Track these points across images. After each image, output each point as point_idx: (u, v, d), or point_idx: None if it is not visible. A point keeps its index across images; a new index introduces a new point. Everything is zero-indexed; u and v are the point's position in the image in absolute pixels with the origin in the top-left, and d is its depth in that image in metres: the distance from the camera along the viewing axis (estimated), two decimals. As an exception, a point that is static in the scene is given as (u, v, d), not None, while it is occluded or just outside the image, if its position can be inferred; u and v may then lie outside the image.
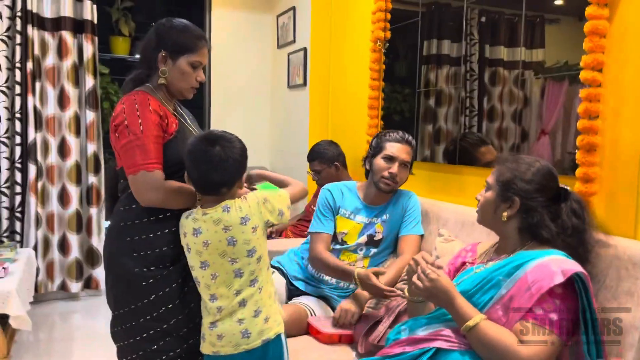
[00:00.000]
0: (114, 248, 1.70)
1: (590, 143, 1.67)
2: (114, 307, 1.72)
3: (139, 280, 1.64)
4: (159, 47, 1.67)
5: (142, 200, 1.61)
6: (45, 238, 3.64)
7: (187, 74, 1.69)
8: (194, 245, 1.55)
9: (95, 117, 3.66)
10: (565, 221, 1.43)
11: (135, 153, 1.57)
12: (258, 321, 1.56)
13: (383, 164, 2.20)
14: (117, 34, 4.26)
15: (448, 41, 2.47)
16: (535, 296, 1.29)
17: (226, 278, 1.55)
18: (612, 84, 1.65)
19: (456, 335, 1.40)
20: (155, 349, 1.66)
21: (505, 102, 2.15)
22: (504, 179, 1.49)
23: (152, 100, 1.63)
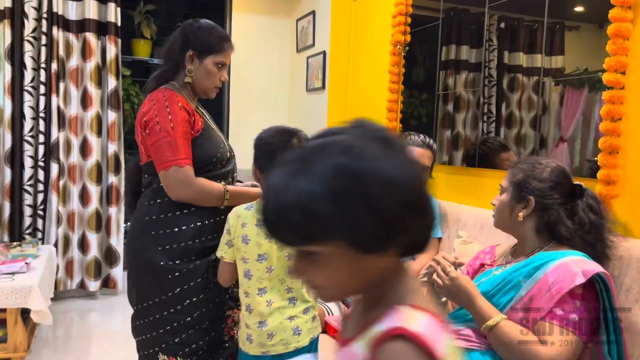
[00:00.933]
0: (138, 242, 1.72)
1: (612, 145, 1.68)
2: (137, 301, 1.75)
3: (165, 273, 1.67)
4: (186, 46, 1.72)
5: (172, 195, 1.66)
6: (66, 236, 3.72)
7: (212, 74, 1.75)
8: (255, 236, 1.55)
9: (116, 117, 3.73)
10: (582, 217, 1.44)
11: (167, 149, 1.61)
12: (307, 319, 1.57)
13: None
14: (139, 36, 4.33)
15: (467, 47, 2.50)
16: (556, 297, 1.30)
17: (280, 272, 1.56)
18: (636, 86, 1.66)
19: (476, 335, 1.41)
20: (177, 342, 1.68)
21: (524, 109, 2.16)
22: (517, 180, 1.50)
23: (180, 97, 1.68)
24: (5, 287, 2.49)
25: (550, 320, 1.31)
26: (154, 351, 1.72)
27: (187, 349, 1.70)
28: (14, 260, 2.75)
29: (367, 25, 3.29)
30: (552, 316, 1.31)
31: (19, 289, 2.51)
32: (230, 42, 1.79)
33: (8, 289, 2.49)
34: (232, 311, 1.82)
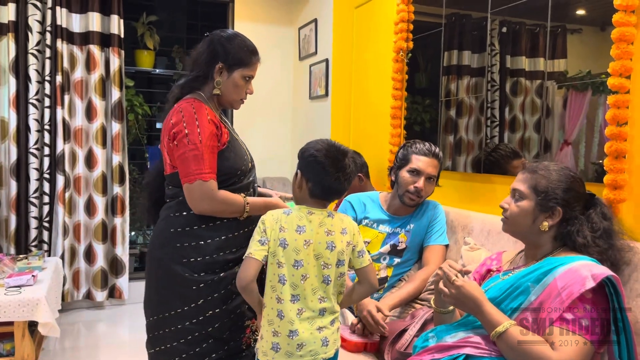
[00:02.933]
0: (162, 253, 1.73)
1: (618, 150, 1.67)
2: (156, 312, 1.74)
3: (189, 285, 1.68)
4: (215, 59, 1.73)
5: (194, 208, 1.67)
6: (72, 247, 3.73)
7: (240, 87, 1.76)
8: (293, 241, 1.54)
9: (120, 128, 3.75)
10: (596, 224, 1.44)
11: (193, 162, 1.63)
12: (334, 330, 1.57)
13: (409, 178, 2.18)
14: (142, 47, 4.37)
15: (469, 52, 2.50)
16: (566, 302, 1.29)
17: (314, 282, 1.55)
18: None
19: (485, 342, 1.40)
20: (197, 352, 1.69)
21: (527, 113, 2.16)
22: (544, 189, 1.47)
23: (208, 109, 1.69)
24: (13, 300, 2.49)
25: (560, 325, 1.30)
26: None
27: (207, 359, 1.71)
28: (21, 273, 2.76)
29: (369, 32, 3.30)
30: (563, 321, 1.30)
31: (26, 302, 2.51)
32: (258, 56, 1.80)
33: (15, 302, 2.49)
34: (250, 321, 1.83)
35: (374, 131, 3.23)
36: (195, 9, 5.03)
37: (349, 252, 1.60)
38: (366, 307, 1.97)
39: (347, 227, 1.61)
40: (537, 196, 1.49)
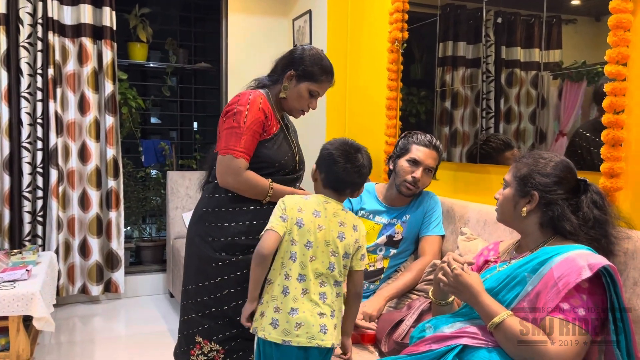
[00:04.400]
0: (193, 231, 1.90)
1: (615, 138, 1.66)
2: (185, 283, 1.93)
3: (210, 262, 1.83)
4: (290, 66, 1.88)
5: (220, 180, 1.82)
6: (66, 242, 3.71)
7: (303, 98, 1.90)
8: (309, 222, 1.64)
9: (114, 121, 3.73)
10: (586, 213, 1.44)
11: (232, 138, 1.77)
12: (333, 323, 1.62)
13: (407, 167, 2.19)
14: (134, 40, 4.32)
15: (464, 43, 2.49)
16: (563, 292, 1.29)
17: (320, 266, 1.63)
18: (638, 77, 1.64)
19: (482, 333, 1.40)
20: (213, 326, 1.84)
21: (523, 103, 2.16)
22: (522, 174, 1.50)
23: (265, 101, 1.84)
24: (7, 295, 2.48)
25: (557, 315, 1.30)
26: (193, 332, 1.87)
27: (221, 336, 1.84)
28: (15, 267, 2.74)
29: (364, 23, 3.29)
30: (559, 311, 1.30)
31: (20, 297, 2.50)
32: (330, 77, 1.92)
33: (9, 296, 2.48)
34: None
35: (369, 122, 3.22)
36: (188, 1, 4.99)
37: (354, 249, 1.68)
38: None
39: (359, 227, 1.71)
40: (516, 182, 1.51)
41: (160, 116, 5.89)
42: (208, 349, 1.85)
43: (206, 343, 1.85)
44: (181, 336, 1.92)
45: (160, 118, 5.90)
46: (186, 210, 3.93)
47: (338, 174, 1.67)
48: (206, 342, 1.85)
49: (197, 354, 1.86)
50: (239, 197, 1.85)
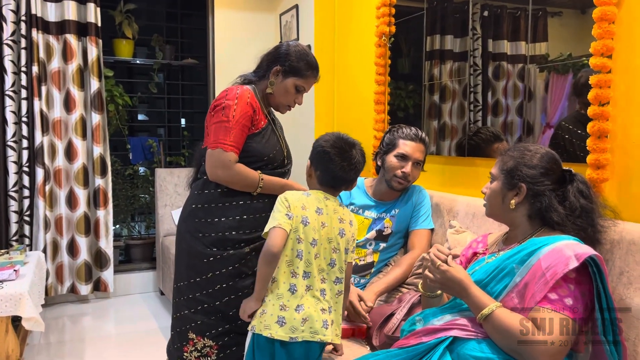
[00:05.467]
0: (183, 227, 1.91)
1: (601, 129, 1.67)
2: (176, 280, 1.93)
3: (201, 257, 1.84)
4: (276, 61, 1.90)
5: (210, 174, 1.83)
6: (54, 241, 3.68)
7: (289, 94, 1.92)
8: (314, 220, 1.65)
9: (100, 119, 3.69)
10: (573, 202, 1.45)
11: (221, 132, 1.78)
12: (331, 318, 1.63)
13: (396, 163, 2.20)
14: (120, 36, 4.29)
15: (451, 36, 2.50)
16: (551, 282, 1.30)
17: (322, 263, 1.65)
18: (622, 70, 1.66)
19: (472, 324, 1.41)
20: (205, 322, 1.85)
21: (510, 96, 2.17)
22: (508, 167, 1.51)
23: (252, 95, 1.86)
24: (-5, 296, 2.46)
25: (545, 306, 1.31)
26: (186, 329, 1.87)
27: (214, 331, 1.85)
28: (2, 268, 2.71)
29: (351, 17, 3.28)
30: (548, 301, 1.31)
31: (8, 297, 2.47)
32: (316, 73, 1.94)
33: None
34: None
35: (357, 117, 3.22)
36: (174, -4, 4.96)
37: (352, 244, 1.71)
38: (349, 296, 1.97)
39: (353, 221, 1.75)
40: (503, 175, 1.52)
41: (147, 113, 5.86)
42: (201, 345, 1.86)
43: (199, 339, 1.86)
44: (174, 333, 1.92)
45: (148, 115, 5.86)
46: (175, 207, 3.92)
47: (335, 172, 1.69)
48: (199, 338, 1.86)
49: (190, 350, 1.87)
50: (228, 192, 1.85)
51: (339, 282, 1.68)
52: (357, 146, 1.74)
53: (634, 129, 1.64)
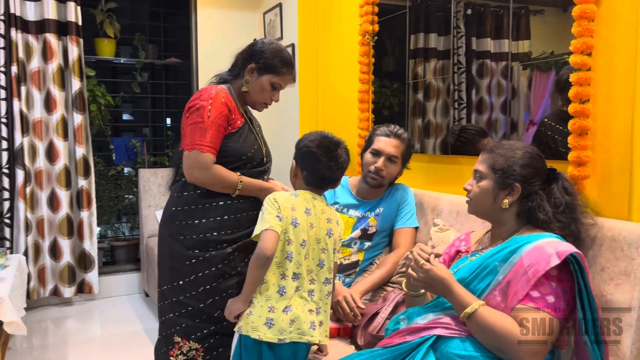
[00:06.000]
0: (164, 230, 1.90)
1: (582, 127, 1.68)
2: (160, 284, 1.92)
3: (183, 260, 1.83)
4: (250, 59, 1.89)
5: (188, 176, 1.81)
6: (36, 243, 3.63)
7: (265, 91, 1.90)
8: (303, 221, 1.64)
9: (82, 119, 3.65)
10: (558, 199, 1.46)
11: (197, 133, 1.77)
12: (319, 319, 1.63)
13: (370, 158, 2.22)
14: (102, 35, 4.24)
15: (435, 34, 2.50)
16: (533, 280, 1.31)
17: (311, 263, 1.66)
18: (602, 67, 1.67)
19: (456, 323, 1.41)
20: (190, 325, 1.83)
21: (494, 94, 2.17)
22: (501, 167, 1.49)
23: (227, 95, 1.84)
24: (-26, 300, 2.41)
25: (527, 303, 1.31)
26: (171, 332, 1.86)
27: (199, 334, 1.84)
28: (-18, 271, 2.67)
29: (334, 15, 3.27)
30: (530, 298, 1.32)
31: (-12, 301, 2.43)
32: (291, 69, 1.93)
33: (-23, 301, 2.42)
34: None
35: (342, 116, 3.22)
36: (157, -5, 4.92)
37: (338, 243, 1.72)
38: (339, 294, 1.97)
39: (340, 221, 1.76)
40: (495, 174, 1.50)
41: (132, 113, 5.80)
42: (187, 348, 1.85)
43: (185, 342, 1.84)
44: (160, 337, 1.91)
45: (133, 115, 5.80)
46: (159, 208, 3.88)
47: (322, 172, 1.69)
48: (185, 341, 1.84)
49: (176, 354, 1.86)
50: (208, 193, 1.84)
51: (328, 282, 1.68)
52: (342, 145, 1.74)
53: (614, 126, 1.65)
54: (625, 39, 1.61)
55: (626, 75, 1.61)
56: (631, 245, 1.44)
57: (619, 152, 1.63)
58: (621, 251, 1.46)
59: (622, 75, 1.62)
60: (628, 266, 1.43)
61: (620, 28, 1.63)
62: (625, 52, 1.61)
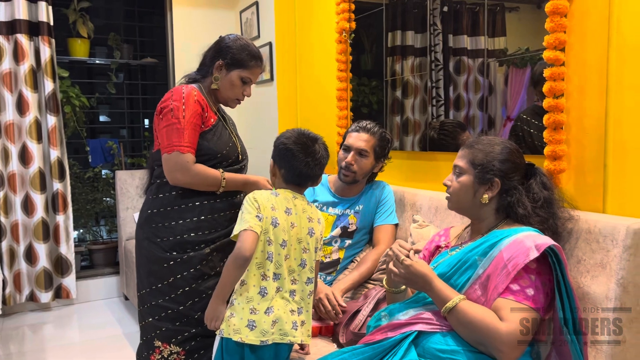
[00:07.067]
0: (140, 233, 1.88)
1: (556, 121, 1.70)
2: (139, 287, 1.90)
3: (161, 262, 1.82)
4: (218, 56, 1.89)
5: (170, 179, 1.79)
6: (11, 248, 3.55)
7: (235, 86, 1.90)
8: (283, 221, 1.62)
9: (56, 121, 3.58)
10: (537, 194, 1.48)
11: (174, 135, 1.75)
12: (301, 319, 1.63)
13: (341, 155, 2.24)
14: (75, 36, 4.17)
15: (412, 32, 2.51)
16: (512, 273, 1.32)
17: (292, 263, 1.64)
18: (575, 62, 1.69)
19: (437, 318, 1.42)
20: (171, 329, 1.82)
21: (471, 90, 2.19)
22: (480, 162, 1.50)
23: (198, 93, 1.83)
24: (-53, 308, 2.36)
25: (507, 297, 1.33)
26: (151, 336, 1.84)
27: (180, 337, 1.82)
28: (-45, 278, 2.61)
29: (311, 13, 3.27)
30: (510, 292, 1.33)
31: (-39, 309, 2.38)
32: (259, 62, 1.92)
33: (-51, 309, 2.36)
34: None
35: (321, 114, 3.22)
36: (131, -6, 4.85)
37: (320, 242, 1.71)
38: (320, 292, 1.97)
39: (321, 219, 1.75)
40: (475, 169, 1.51)
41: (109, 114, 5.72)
42: (168, 352, 1.83)
43: (165, 346, 1.83)
44: (142, 342, 1.90)
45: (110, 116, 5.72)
46: (137, 210, 3.83)
47: (300, 169, 1.67)
48: (165, 345, 1.83)
49: (157, 358, 1.84)
50: (184, 194, 1.82)
51: (310, 282, 1.67)
52: (319, 141, 1.73)
53: (587, 120, 1.67)
54: (596, 33, 1.64)
55: (599, 69, 1.63)
56: (606, 237, 1.46)
57: (593, 146, 1.66)
58: (597, 243, 1.48)
59: (595, 69, 1.65)
60: (604, 258, 1.45)
61: (591, 23, 1.65)
62: (597, 46, 1.64)
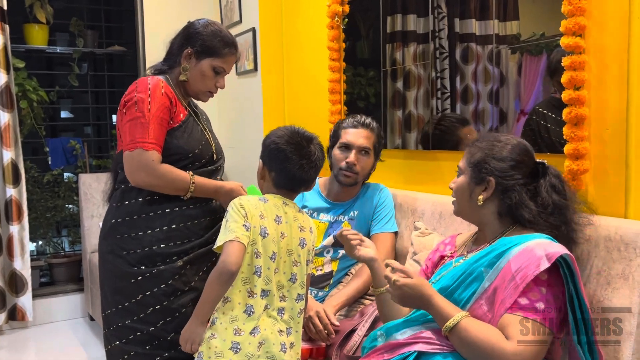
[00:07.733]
0: (104, 246, 1.86)
1: (578, 115, 1.69)
2: (104, 307, 1.87)
3: (128, 278, 1.79)
4: (186, 43, 1.87)
5: (131, 180, 1.77)
6: (-42, 263, 3.55)
7: (207, 77, 1.88)
8: (273, 231, 1.62)
9: (10, 118, 3.58)
10: (545, 198, 1.48)
11: (138, 130, 1.73)
12: (290, 341, 1.62)
13: (339, 154, 2.23)
14: (32, 21, 4.17)
15: (414, 15, 2.52)
16: (521, 286, 1.33)
17: (282, 278, 1.64)
18: (594, 49, 1.70)
19: (438, 337, 1.42)
20: (141, 353, 1.79)
21: (480, 81, 2.20)
22: (476, 160, 1.53)
23: (165, 85, 1.81)
24: None
25: (515, 312, 1.33)
26: None
27: None
28: None
29: (300, -5, 3.29)
30: (518, 307, 1.33)
31: None
32: (234, 50, 1.91)
33: None
34: None
35: (311, 108, 3.23)
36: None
37: (312, 253, 1.71)
38: (310, 309, 1.97)
39: (313, 228, 1.75)
40: (470, 168, 1.54)
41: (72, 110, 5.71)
42: None
43: None
44: None
45: (73, 112, 5.71)
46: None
47: (293, 172, 1.67)
48: None
49: None
50: (152, 200, 1.82)
51: (300, 299, 1.67)
52: (314, 141, 1.72)
53: (608, 113, 1.68)
54: (616, 16, 1.64)
55: (619, 57, 1.64)
56: (628, 245, 1.47)
57: (614, 143, 1.66)
58: (618, 252, 1.49)
59: (615, 56, 1.65)
60: (626, 268, 1.46)
61: (611, 5, 1.66)
62: (617, 31, 1.64)
